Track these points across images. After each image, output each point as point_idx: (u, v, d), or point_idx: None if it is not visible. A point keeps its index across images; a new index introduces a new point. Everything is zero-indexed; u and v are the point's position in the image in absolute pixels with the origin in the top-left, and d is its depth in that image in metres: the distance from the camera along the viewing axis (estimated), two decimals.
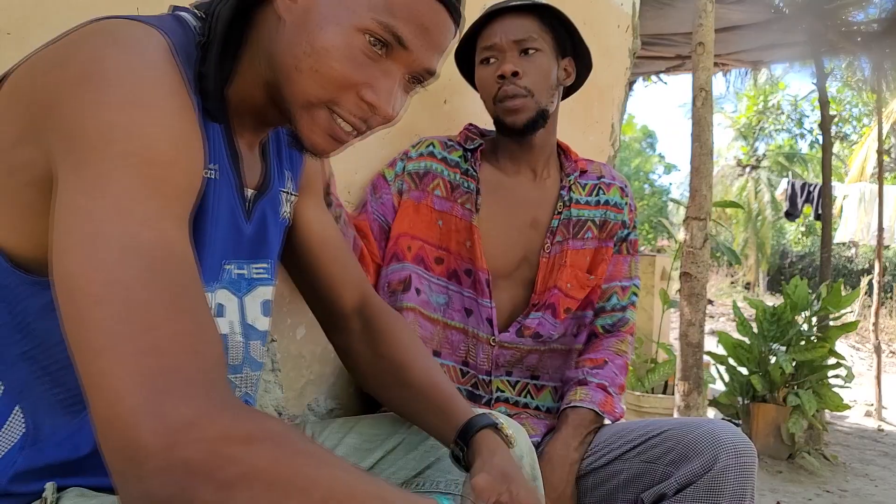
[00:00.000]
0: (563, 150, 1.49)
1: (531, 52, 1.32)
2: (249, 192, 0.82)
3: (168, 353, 0.51)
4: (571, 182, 1.45)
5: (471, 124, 1.47)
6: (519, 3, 1.33)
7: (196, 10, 0.75)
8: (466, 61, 1.45)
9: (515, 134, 1.35)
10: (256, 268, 0.86)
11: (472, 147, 1.42)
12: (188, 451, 0.48)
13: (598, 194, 1.47)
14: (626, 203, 1.48)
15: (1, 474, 0.69)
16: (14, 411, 0.69)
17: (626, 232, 1.48)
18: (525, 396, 1.41)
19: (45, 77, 0.62)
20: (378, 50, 0.70)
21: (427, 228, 1.37)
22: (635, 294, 1.51)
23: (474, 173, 1.39)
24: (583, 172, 1.47)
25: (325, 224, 0.99)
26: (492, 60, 1.34)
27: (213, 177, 0.74)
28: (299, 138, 0.74)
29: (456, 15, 0.74)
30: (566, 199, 1.43)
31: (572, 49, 1.40)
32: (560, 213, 1.42)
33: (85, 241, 0.54)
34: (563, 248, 1.41)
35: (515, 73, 1.30)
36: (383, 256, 1.37)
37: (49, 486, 0.68)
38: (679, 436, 1.15)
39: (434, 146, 1.41)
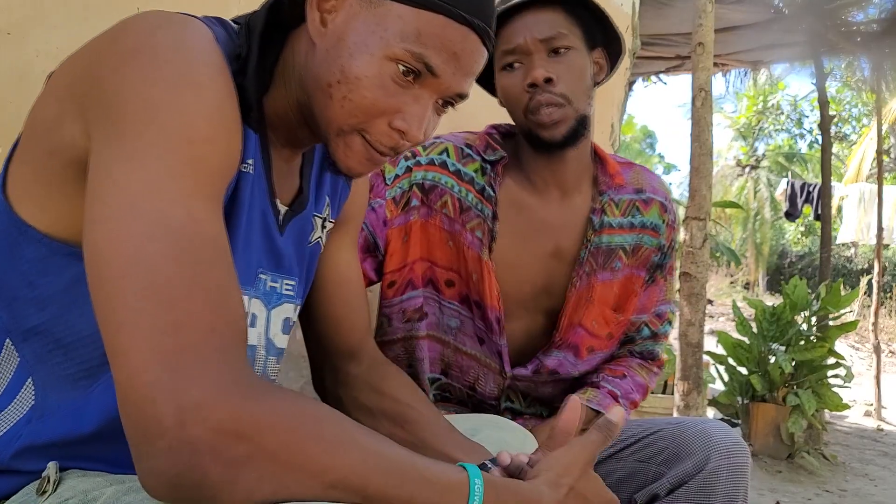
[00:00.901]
0: (600, 160, 1.26)
1: (562, 51, 1.12)
2: (283, 208, 0.82)
3: (185, 332, 0.52)
4: (605, 202, 1.24)
5: (493, 127, 1.26)
6: None
7: (237, 22, 0.77)
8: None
9: (554, 148, 1.16)
10: (287, 284, 0.86)
11: (492, 159, 1.21)
12: (196, 431, 0.50)
13: (633, 214, 1.26)
14: (664, 223, 1.28)
15: (5, 447, 0.69)
16: (27, 383, 0.70)
17: (660, 257, 1.29)
18: (531, 407, 1.35)
19: (94, 53, 0.64)
20: (409, 77, 0.71)
21: (436, 249, 1.21)
22: (669, 322, 1.35)
23: (492, 193, 1.19)
24: (619, 187, 1.26)
25: (349, 265, 0.98)
26: (516, 65, 1.14)
27: (249, 171, 0.75)
28: (335, 162, 0.76)
29: (488, 40, 0.74)
30: (597, 223, 1.23)
31: (602, 37, 1.20)
32: (589, 240, 1.23)
33: (116, 213, 0.55)
34: (591, 281, 1.23)
35: (549, 80, 1.11)
36: (376, 273, 1.24)
37: (51, 465, 0.69)
38: (672, 435, 1.14)
39: (448, 154, 1.21)
